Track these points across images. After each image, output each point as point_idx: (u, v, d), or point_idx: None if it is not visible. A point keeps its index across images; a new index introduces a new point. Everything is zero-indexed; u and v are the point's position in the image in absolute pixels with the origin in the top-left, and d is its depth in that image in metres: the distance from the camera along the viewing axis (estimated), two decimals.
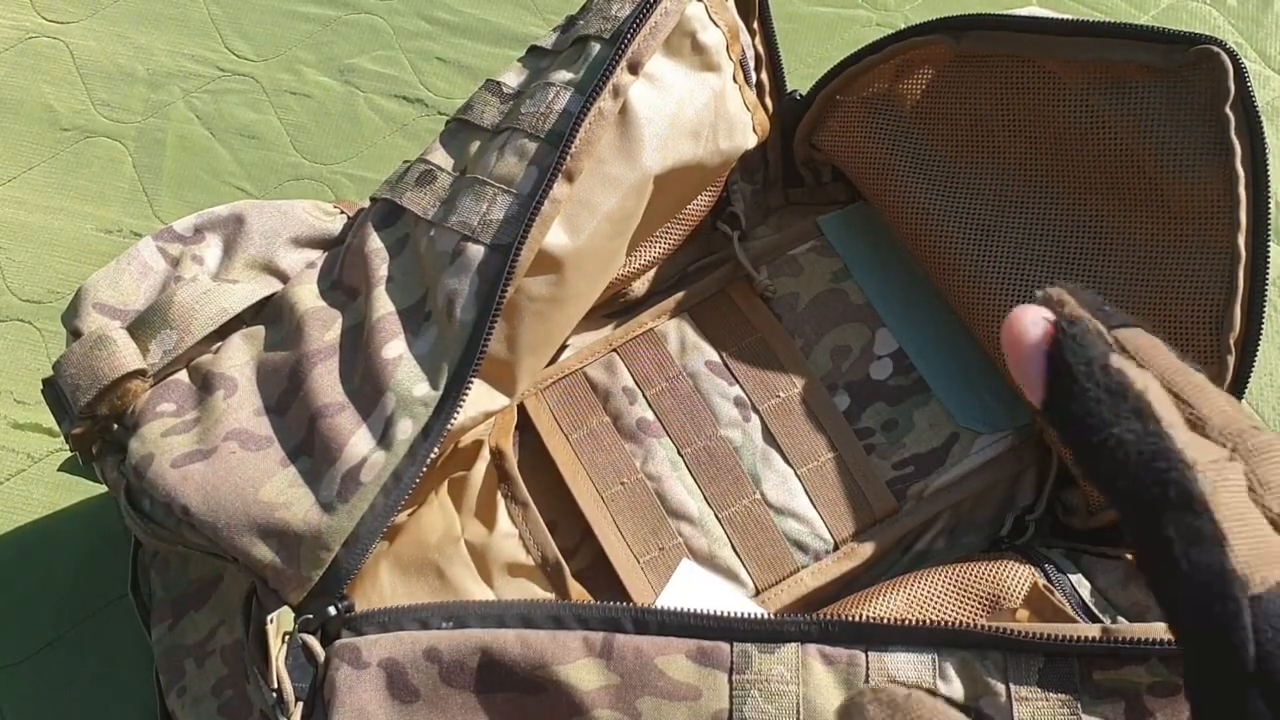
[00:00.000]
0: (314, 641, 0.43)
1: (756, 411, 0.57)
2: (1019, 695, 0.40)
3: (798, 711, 0.40)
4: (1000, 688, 0.40)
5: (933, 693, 0.34)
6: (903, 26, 0.87)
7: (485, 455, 0.56)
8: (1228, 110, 0.48)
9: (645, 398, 0.59)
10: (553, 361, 0.60)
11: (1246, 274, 0.48)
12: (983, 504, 0.56)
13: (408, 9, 0.87)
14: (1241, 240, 0.48)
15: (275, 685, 0.43)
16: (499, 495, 0.55)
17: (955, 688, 0.40)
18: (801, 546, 0.54)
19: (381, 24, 0.87)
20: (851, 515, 0.55)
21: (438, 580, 0.50)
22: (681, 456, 0.57)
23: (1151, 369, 0.21)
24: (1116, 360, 0.21)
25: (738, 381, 0.58)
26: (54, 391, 0.49)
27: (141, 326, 0.50)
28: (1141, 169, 0.52)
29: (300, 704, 0.43)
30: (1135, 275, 0.52)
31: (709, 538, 0.55)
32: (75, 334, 0.50)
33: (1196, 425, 0.21)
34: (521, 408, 0.59)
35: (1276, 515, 0.20)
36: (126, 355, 0.48)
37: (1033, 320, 0.22)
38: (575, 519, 0.56)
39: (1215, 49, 0.48)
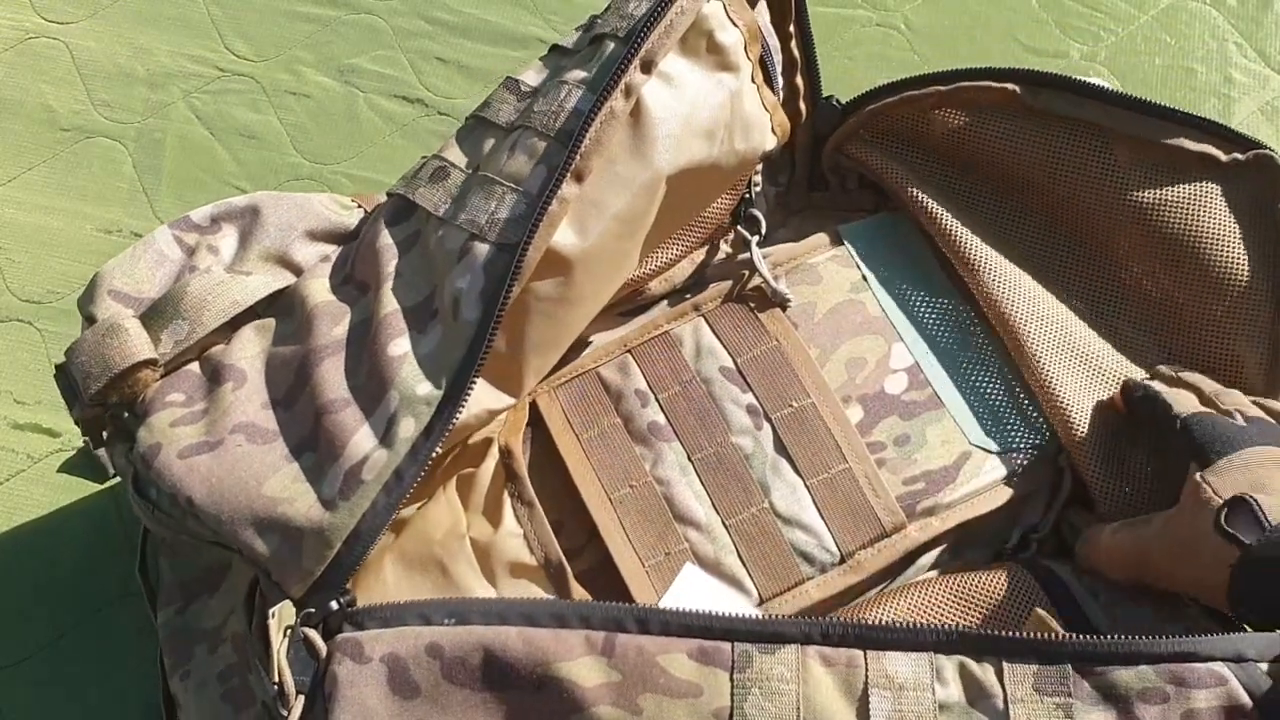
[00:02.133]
0: (315, 635, 0.43)
1: (769, 420, 0.57)
2: (1015, 698, 0.40)
3: (797, 709, 0.40)
4: (997, 690, 0.40)
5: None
6: (902, 27, 0.86)
7: (494, 453, 0.55)
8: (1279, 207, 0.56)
9: (658, 401, 0.58)
10: (570, 359, 0.60)
11: None
12: (990, 521, 0.56)
13: (407, 9, 0.87)
14: None
15: (276, 678, 0.43)
16: (506, 494, 0.54)
17: (953, 690, 0.41)
18: (808, 558, 0.54)
19: (381, 24, 0.87)
20: (859, 529, 0.54)
21: (441, 576, 0.50)
22: (691, 462, 0.56)
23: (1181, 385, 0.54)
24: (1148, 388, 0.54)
25: (751, 389, 0.58)
26: (66, 378, 0.50)
27: (154, 316, 0.50)
28: (1190, 248, 0.56)
29: (301, 697, 0.43)
30: (1178, 346, 0.58)
31: (715, 544, 0.54)
32: (90, 319, 0.50)
33: (1186, 389, 0.53)
34: (533, 405, 0.59)
35: (1221, 408, 0.50)
36: (138, 344, 0.49)
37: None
38: (582, 520, 0.56)
39: (1273, 155, 0.55)
